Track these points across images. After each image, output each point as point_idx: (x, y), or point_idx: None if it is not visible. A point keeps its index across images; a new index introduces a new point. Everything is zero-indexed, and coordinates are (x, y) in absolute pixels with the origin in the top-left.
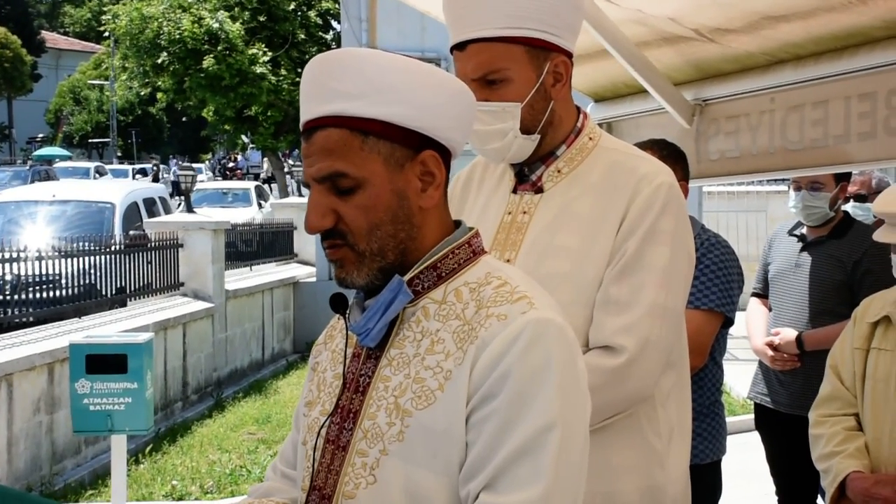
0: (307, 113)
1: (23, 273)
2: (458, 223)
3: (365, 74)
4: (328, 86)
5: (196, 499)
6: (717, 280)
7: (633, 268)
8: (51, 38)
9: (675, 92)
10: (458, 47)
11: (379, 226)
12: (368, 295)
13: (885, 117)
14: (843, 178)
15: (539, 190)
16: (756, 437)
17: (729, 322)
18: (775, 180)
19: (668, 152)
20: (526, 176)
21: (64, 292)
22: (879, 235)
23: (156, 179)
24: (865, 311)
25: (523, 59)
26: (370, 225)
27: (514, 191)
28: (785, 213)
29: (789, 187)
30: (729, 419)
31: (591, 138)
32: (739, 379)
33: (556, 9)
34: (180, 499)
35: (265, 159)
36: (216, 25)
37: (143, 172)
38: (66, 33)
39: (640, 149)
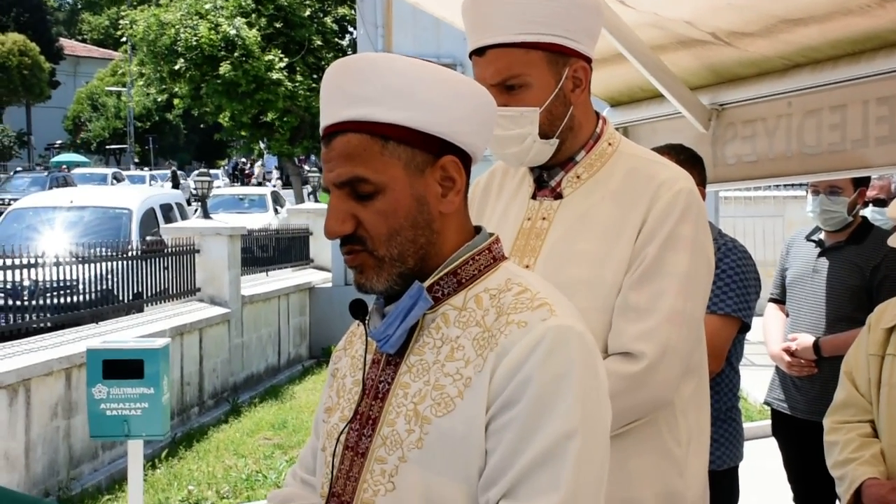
0: (327, 118)
1: (41, 279)
2: (478, 229)
3: (385, 79)
4: (348, 91)
5: (212, 503)
6: (734, 285)
7: (652, 274)
8: (69, 45)
9: (692, 96)
10: (478, 53)
11: (399, 231)
12: (388, 301)
13: None
14: (862, 183)
15: (558, 196)
16: (773, 442)
17: (746, 327)
18: (792, 185)
19: (685, 157)
20: (545, 182)
21: (81, 298)
22: (893, 241)
23: (175, 185)
24: (880, 316)
25: (542, 65)
26: (390, 230)
27: (534, 196)
28: (802, 218)
29: (807, 192)
30: (746, 425)
31: (610, 144)
32: (756, 384)
33: (575, 14)
34: (196, 503)
35: (272, 168)
36: (233, 32)
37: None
38: (84, 40)
39: (657, 153)
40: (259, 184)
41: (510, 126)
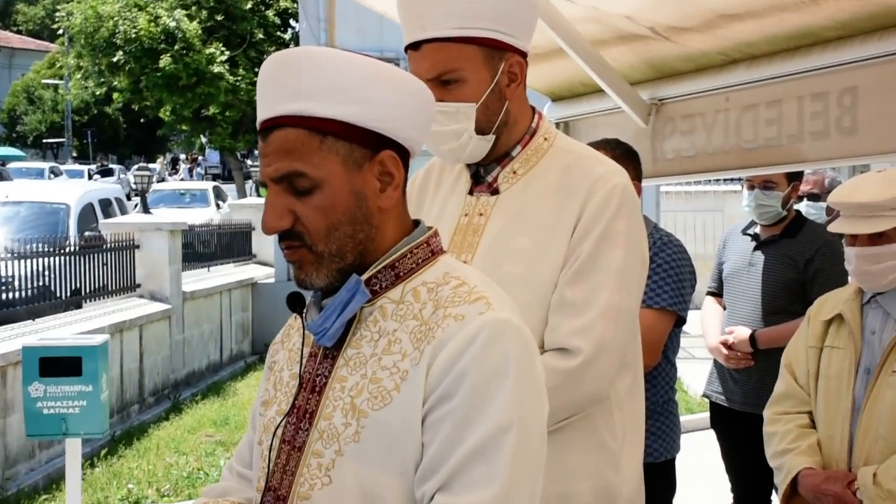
0: (264, 112)
1: None
2: (416, 223)
3: (323, 74)
4: (286, 85)
5: (152, 502)
6: (669, 279)
7: (587, 270)
8: (3, 36)
9: (632, 91)
10: (413, 47)
11: (337, 226)
12: (326, 294)
13: (838, 117)
14: (796, 178)
15: (495, 191)
16: (712, 434)
17: (682, 321)
18: (732, 180)
19: (620, 151)
20: (482, 177)
21: (17, 294)
22: (834, 227)
23: (105, 174)
24: (819, 309)
25: (478, 60)
26: (328, 226)
27: (471, 192)
28: (741, 212)
29: (742, 186)
30: (686, 417)
31: (546, 139)
32: (697, 377)
33: (511, 9)
34: (136, 502)
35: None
36: (173, 24)
37: (110, 172)
38: (19, 31)
39: (593, 147)
40: (206, 173)
41: (446, 122)
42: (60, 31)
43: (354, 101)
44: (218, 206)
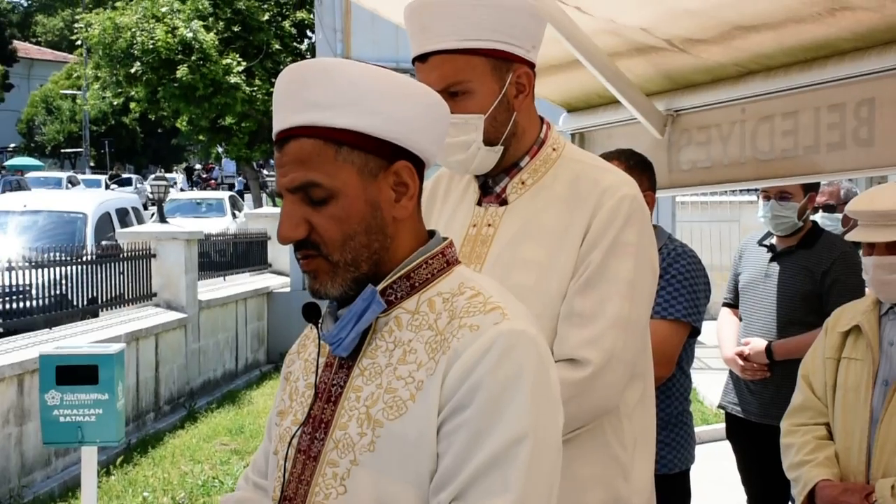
0: (280, 122)
1: None
2: (432, 233)
3: (338, 85)
4: (301, 96)
5: None
6: (683, 290)
7: (597, 280)
8: (23, 47)
9: (647, 102)
10: (420, 59)
11: (352, 236)
12: (341, 304)
13: (854, 128)
14: (812, 189)
15: (503, 202)
16: (728, 445)
17: (696, 332)
18: (748, 190)
19: (634, 162)
20: (490, 188)
21: (35, 303)
22: (852, 235)
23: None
24: (837, 321)
25: (485, 71)
26: (344, 236)
27: (479, 203)
28: (758, 223)
29: (758, 197)
30: (702, 428)
31: (554, 149)
32: (712, 388)
33: (517, 20)
34: None
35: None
36: (190, 35)
37: (128, 182)
38: (38, 43)
39: (607, 159)
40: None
41: (455, 133)
42: (79, 42)
43: (370, 111)
44: (234, 215)
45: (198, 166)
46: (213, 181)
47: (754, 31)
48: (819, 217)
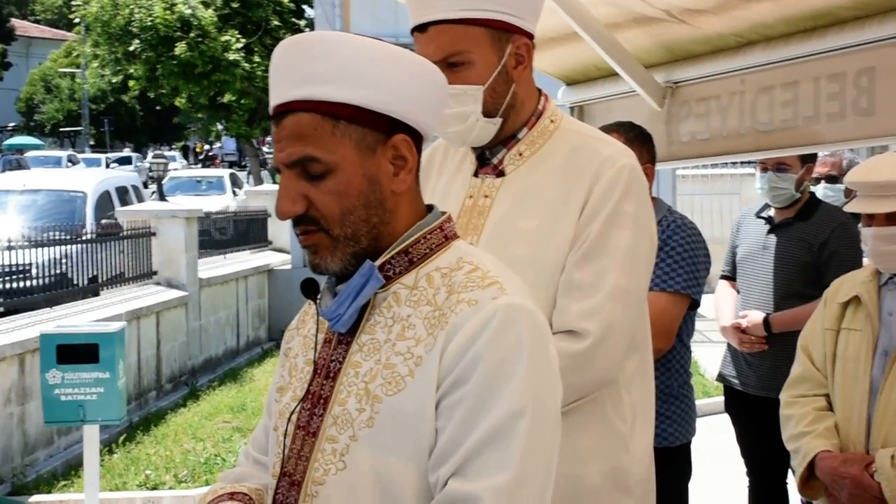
0: (277, 97)
1: None
2: (430, 207)
3: (335, 58)
4: (298, 70)
5: (170, 488)
6: (683, 262)
7: (595, 251)
8: (21, 25)
9: (646, 74)
10: (419, 29)
11: (351, 211)
12: (340, 280)
13: (854, 98)
14: (809, 160)
15: (501, 173)
16: (729, 418)
17: (696, 304)
18: (749, 163)
19: (633, 135)
20: (487, 159)
21: (35, 282)
22: (851, 206)
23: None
24: (836, 291)
25: (485, 42)
26: (342, 210)
27: (476, 174)
28: (758, 195)
29: (756, 169)
30: (703, 401)
31: (552, 121)
32: (713, 361)
33: None
34: (154, 488)
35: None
36: (188, 12)
37: (128, 161)
38: (36, 21)
39: (606, 132)
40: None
41: (453, 104)
42: (77, 20)
43: (367, 84)
44: (234, 193)
45: (190, 144)
46: (216, 159)
47: (754, 1)
48: (821, 188)
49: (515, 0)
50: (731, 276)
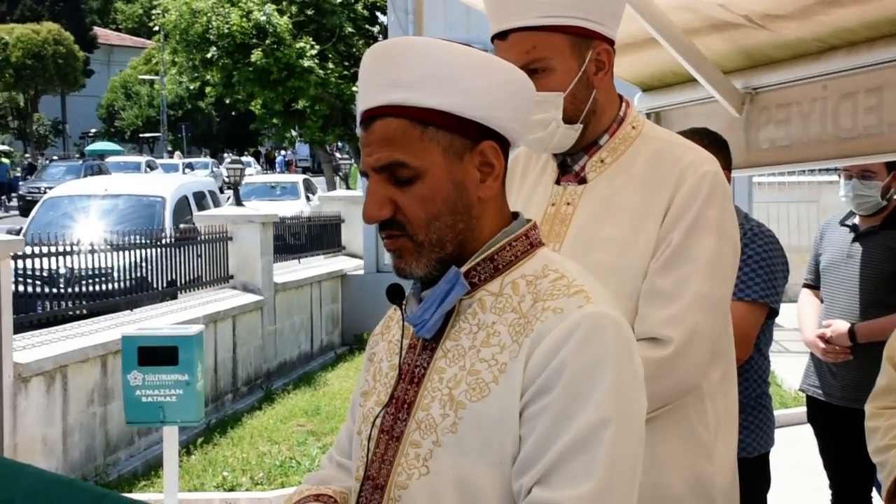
0: (366, 102)
1: (76, 266)
2: (515, 215)
3: (425, 64)
4: (388, 75)
5: (246, 490)
6: (760, 271)
7: (678, 258)
8: (102, 33)
9: (725, 80)
10: (500, 36)
11: (437, 216)
12: (425, 286)
13: None
14: (895, 167)
15: (582, 181)
16: (808, 429)
17: (774, 313)
18: (826, 170)
19: (710, 140)
20: (569, 167)
21: (116, 285)
22: None
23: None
24: None
25: (565, 48)
26: (429, 216)
27: (558, 182)
28: (837, 203)
29: (839, 176)
30: (781, 412)
31: (634, 127)
32: (791, 371)
33: None
34: (231, 490)
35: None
36: (264, 19)
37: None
38: (117, 29)
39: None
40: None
41: (535, 111)
42: (156, 28)
43: (455, 90)
44: (308, 198)
45: (262, 150)
46: (292, 165)
47: (837, 6)
48: None
49: (596, 6)
50: (814, 285)
